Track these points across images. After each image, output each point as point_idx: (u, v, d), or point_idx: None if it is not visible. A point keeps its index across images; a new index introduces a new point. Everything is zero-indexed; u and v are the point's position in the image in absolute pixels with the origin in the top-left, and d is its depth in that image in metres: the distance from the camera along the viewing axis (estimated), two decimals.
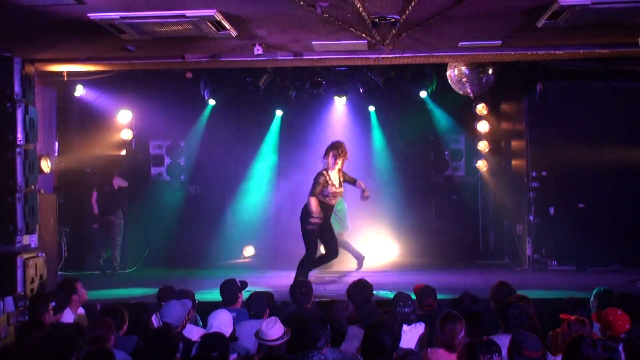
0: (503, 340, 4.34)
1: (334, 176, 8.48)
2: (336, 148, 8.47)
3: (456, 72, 9.78)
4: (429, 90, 11.04)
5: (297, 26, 6.70)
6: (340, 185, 8.52)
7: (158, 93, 11.18)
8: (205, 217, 11.78)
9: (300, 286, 6.19)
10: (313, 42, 7.43)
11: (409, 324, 5.49)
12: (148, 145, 11.99)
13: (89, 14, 6.06)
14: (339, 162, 8.46)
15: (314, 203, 8.24)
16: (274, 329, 4.74)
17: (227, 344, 4.65)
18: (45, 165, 8.51)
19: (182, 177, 11.94)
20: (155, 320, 5.72)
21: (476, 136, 11.69)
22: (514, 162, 11.34)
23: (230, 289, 6.23)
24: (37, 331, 4.95)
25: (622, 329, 4.87)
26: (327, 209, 8.52)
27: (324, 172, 8.46)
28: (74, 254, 10.84)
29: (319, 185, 8.33)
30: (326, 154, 8.52)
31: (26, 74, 7.84)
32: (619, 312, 4.97)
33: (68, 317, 6.13)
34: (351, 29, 6.68)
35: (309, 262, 8.56)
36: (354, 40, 7.24)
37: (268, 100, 11.58)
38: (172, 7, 5.92)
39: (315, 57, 8.13)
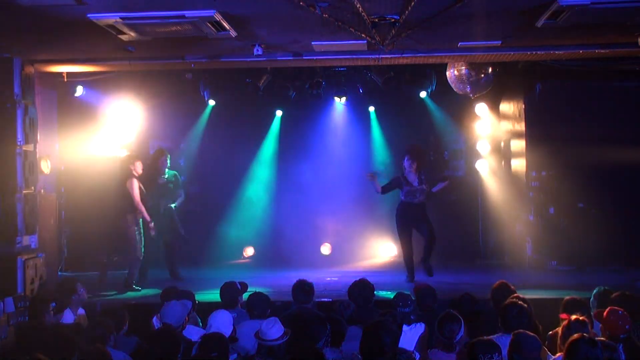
0: (503, 340, 4.34)
1: (411, 177, 9.26)
2: (408, 152, 9.32)
3: (456, 72, 9.77)
4: (429, 90, 11.04)
5: (296, 26, 6.71)
6: (420, 183, 9.26)
7: (158, 93, 11.17)
8: (205, 217, 11.78)
9: (302, 286, 6.19)
10: (313, 43, 7.44)
11: (409, 324, 5.49)
12: (148, 145, 11.98)
13: (88, 15, 6.06)
14: (414, 165, 9.22)
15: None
16: (274, 329, 4.75)
17: (226, 345, 4.66)
18: (45, 166, 8.52)
19: (182, 178, 11.92)
20: (156, 322, 5.74)
21: (476, 136, 11.69)
22: (513, 162, 11.34)
23: (230, 292, 6.24)
24: (37, 332, 4.96)
25: (622, 329, 4.87)
26: (410, 208, 9.24)
27: (400, 174, 9.35)
28: (74, 255, 10.84)
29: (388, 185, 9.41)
30: (405, 158, 9.31)
31: (26, 74, 7.85)
32: (620, 312, 4.98)
33: (68, 317, 6.14)
34: (351, 29, 6.69)
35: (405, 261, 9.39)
36: (353, 41, 7.24)
37: (268, 101, 11.58)
38: (172, 7, 5.93)
39: (314, 58, 8.14)
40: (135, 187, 8.93)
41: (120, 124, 11.42)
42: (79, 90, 10.48)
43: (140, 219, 9.03)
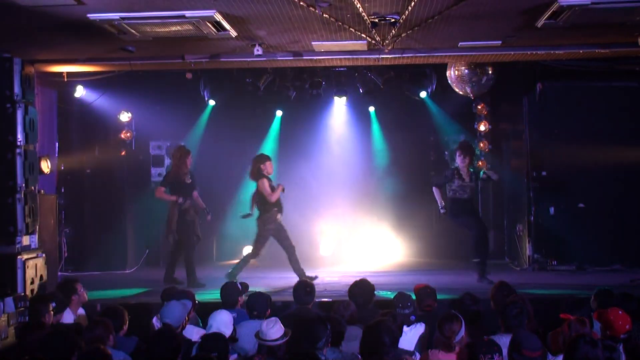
0: (503, 340, 4.34)
1: (464, 172, 9.12)
2: (461, 148, 9.24)
3: (456, 72, 9.78)
4: (429, 90, 11.04)
5: (296, 26, 6.71)
6: (471, 180, 9.17)
7: (158, 94, 11.17)
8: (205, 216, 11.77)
9: (305, 286, 6.20)
10: (313, 43, 7.44)
11: (409, 325, 5.49)
12: (148, 145, 11.97)
13: (88, 15, 6.06)
14: (467, 160, 9.13)
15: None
16: (274, 329, 4.75)
17: (226, 345, 4.65)
18: (45, 166, 8.51)
19: None
20: (156, 322, 5.73)
21: (476, 136, 11.69)
22: (513, 162, 11.33)
23: (231, 293, 6.24)
24: (37, 332, 4.95)
25: (622, 329, 4.87)
26: (460, 204, 9.13)
27: (454, 168, 9.22)
28: (74, 255, 10.85)
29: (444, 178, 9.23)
30: (455, 154, 9.33)
31: (26, 74, 7.84)
32: (620, 312, 4.97)
33: (68, 317, 6.13)
34: (351, 29, 6.69)
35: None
36: (353, 41, 7.24)
37: (268, 101, 11.58)
38: (172, 7, 5.93)
39: (315, 58, 8.14)
40: (267, 185, 8.97)
41: (120, 124, 11.43)
42: (79, 90, 10.49)
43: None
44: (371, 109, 12.06)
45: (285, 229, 9.24)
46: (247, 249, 11.95)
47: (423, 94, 11.15)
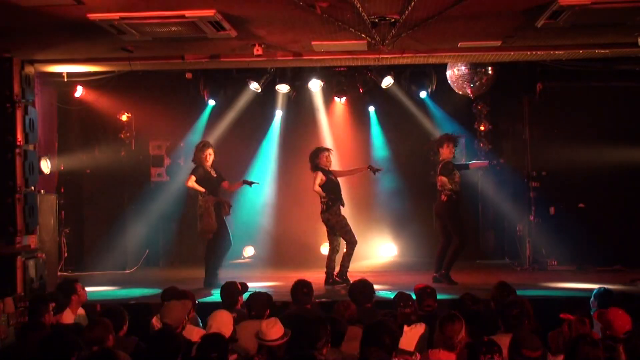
0: (503, 340, 4.34)
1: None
2: (450, 139, 9.00)
3: (456, 72, 9.77)
4: (429, 90, 11.03)
5: (296, 26, 6.71)
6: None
7: (158, 94, 11.17)
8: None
9: (302, 286, 6.19)
10: (313, 42, 7.44)
11: (409, 325, 5.48)
12: (148, 145, 11.97)
13: (88, 15, 6.06)
14: (454, 151, 9.01)
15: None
16: (274, 330, 4.75)
17: (226, 345, 4.65)
18: (45, 166, 8.52)
19: (182, 178, 11.91)
20: (156, 322, 5.73)
21: (476, 136, 11.68)
22: (514, 162, 11.33)
23: (230, 292, 6.23)
24: (37, 332, 4.95)
25: (622, 329, 4.87)
26: (460, 196, 9.09)
27: (449, 161, 8.94)
28: (74, 255, 10.84)
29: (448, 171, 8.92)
30: (441, 146, 9.01)
31: (26, 74, 7.84)
32: (621, 312, 4.97)
33: (68, 317, 6.14)
34: (351, 29, 6.69)
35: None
36: (353, 41, 7.24)
37: (268, 101, 11.57)
38: (172, 7, 5.93)
39: (315, 58, 8.14)
40: (318, 178, 8.90)
41: (120, 124, 11.43)
42: (79, 90, 10.48)
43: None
44: (371, 109, 12.05)
45: None
46: (249, 250, 11.99)
47: (423, 94, 11.14)
